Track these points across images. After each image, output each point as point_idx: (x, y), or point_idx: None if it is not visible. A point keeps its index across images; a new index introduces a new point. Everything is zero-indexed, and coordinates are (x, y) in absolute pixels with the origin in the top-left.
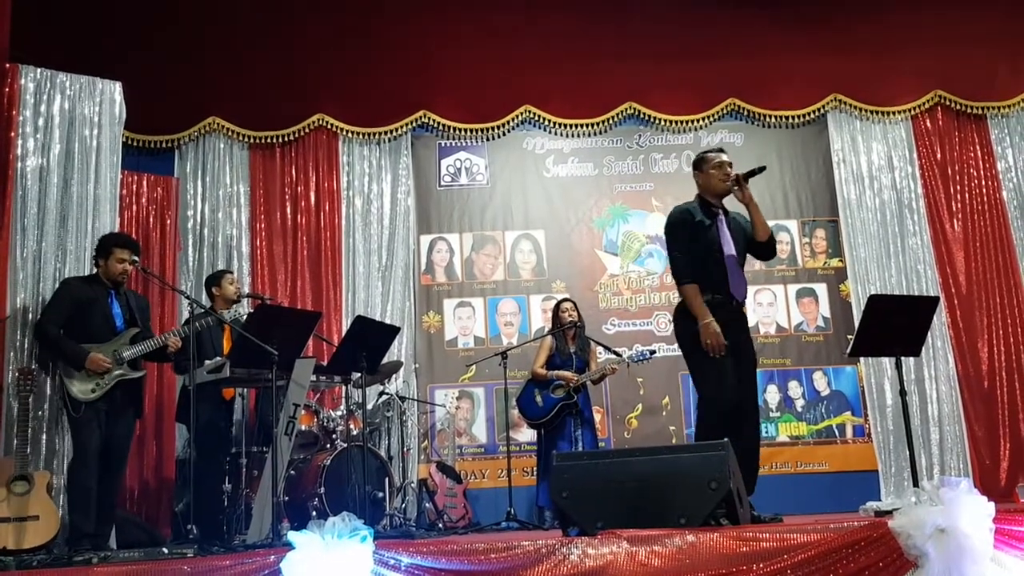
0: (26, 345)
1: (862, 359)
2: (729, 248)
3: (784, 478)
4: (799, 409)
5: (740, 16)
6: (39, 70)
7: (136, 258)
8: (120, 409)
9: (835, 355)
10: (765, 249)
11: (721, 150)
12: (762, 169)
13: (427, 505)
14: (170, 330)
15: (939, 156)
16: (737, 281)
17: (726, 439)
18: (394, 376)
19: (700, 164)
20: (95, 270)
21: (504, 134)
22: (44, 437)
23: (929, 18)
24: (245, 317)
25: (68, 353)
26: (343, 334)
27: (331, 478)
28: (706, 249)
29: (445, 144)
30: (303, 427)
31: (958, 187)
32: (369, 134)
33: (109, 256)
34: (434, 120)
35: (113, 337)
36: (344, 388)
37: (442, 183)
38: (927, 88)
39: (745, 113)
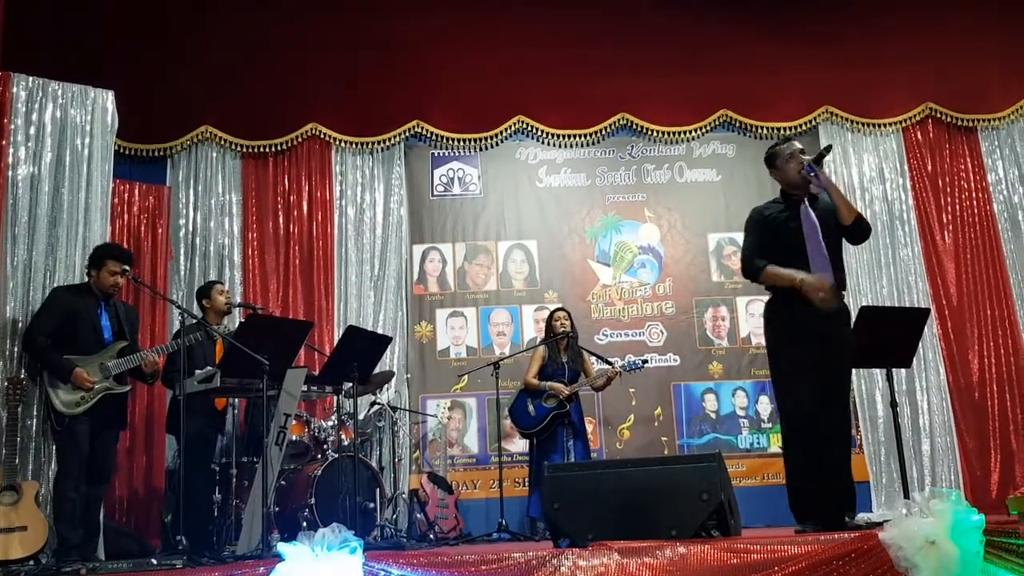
0: (16, 354)
1: (853, 370)
2: (812, 233)
3: (775, 489)
4: None
5: (732, 28)
6: (31, 78)
7: (128, 268)
8: (104, 423)
9: None
10: (853, 232)
11: (789, 139)
12: (828, 149)
13: (418, 516)
14: (154, 347)
15: (930, 168)
16: (820, 266)
17: (717, 451)
18: (386, 386)
19: (773, 160)
20: (87, 279)
21: (497, 144)
22: (33, 447)
23: (920, 31)
24: (236, 327)
25: (53, 366)
26: (335, 344)
27: (322, 489)
28: (783, 243)
29: (438, 154)
30: (294, 437)
31: (949, 199)
32: (362, 144)
33: (101, 268)
34: (427, 130)
35: (100, 350)
36: (335, 398)
37: (435, 193)
38: (918, 100)
39: (737, 125)
